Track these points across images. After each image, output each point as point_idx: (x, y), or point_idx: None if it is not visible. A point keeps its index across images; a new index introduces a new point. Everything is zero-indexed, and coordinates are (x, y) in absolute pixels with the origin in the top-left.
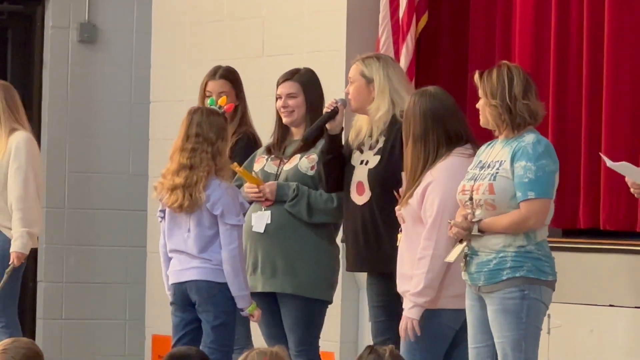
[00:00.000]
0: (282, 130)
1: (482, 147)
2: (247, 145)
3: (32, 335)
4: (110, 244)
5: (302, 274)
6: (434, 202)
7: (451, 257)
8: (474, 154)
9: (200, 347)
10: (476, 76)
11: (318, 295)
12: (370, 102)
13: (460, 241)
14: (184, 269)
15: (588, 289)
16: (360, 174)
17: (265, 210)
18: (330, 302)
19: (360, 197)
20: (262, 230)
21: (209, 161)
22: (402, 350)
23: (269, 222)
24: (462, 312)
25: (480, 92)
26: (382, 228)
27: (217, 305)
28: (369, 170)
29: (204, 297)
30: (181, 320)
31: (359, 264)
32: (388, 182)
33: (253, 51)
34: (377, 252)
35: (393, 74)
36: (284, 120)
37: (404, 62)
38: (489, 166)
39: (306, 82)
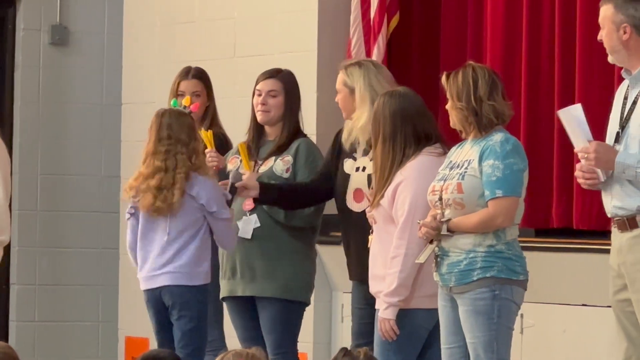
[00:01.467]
0: (257, 131)
1: (453, 148)
2: (219, 145)
3: (4, 338)
4: (83, 246)
5: (281, 277)
6: (405, 201)
7: (422, 258)
8: (443, 153)
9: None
10: (443, 78)
11: (297, 297)
12: (353, 111)
13: (431, 242)
14: (156, 274)
15: (561, 288)
16: (358, 181)
17: (250, 215)
18: (308, 304)
19: (358, 204)
20: (249, 236)
21: (186, 162)
22: (376, 352)
23: (257, 225)
24: (436, 311)
25: (447, 95)
26: None
27: (190, 310)
28: (369, 175)
29: (177, 302)
30: (159, 324)
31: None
32: None
33: (224, 52)
34: None
35: (375, 80)
36: (259, 118)
37: None
38: (458, 166)
39: (288, 82)
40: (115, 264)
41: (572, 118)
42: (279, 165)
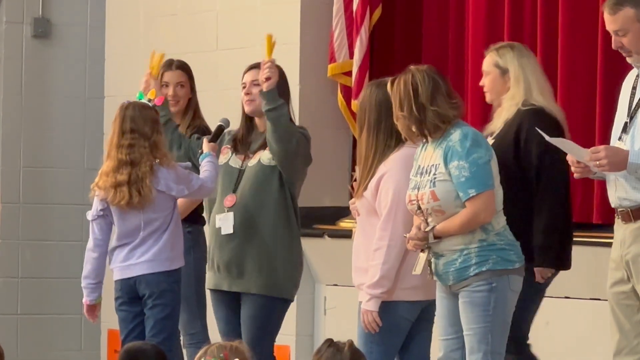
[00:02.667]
0: (247, 123)
1: (417, 151)
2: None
3: None
4: (66, 238)
5: (268, 274)
6: (387, 193)
7: (418, 269)
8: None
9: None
10: (388, 85)
11: (281, 294)
12: (505, 92)
13: (422, 251)
14: (131, 264)
15: None
16: None
17: (228, 211)
18: (292, 301)
19: None
20: (231, 231)
21: (149, 155)
22: (359, 343)
23: (233, 223)
24: (418, 304)
25: (393, 102)
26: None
27: (165, 298)
28: None
29: (153, 290)
30: (129, 314)
31: None
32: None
33: (207, 45)
34: None
35: (527, 63)
36: (246, 109)
37: (357, 54)
38: (426, 172)
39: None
40: None
41: (564, 142)
42: (265, 154)
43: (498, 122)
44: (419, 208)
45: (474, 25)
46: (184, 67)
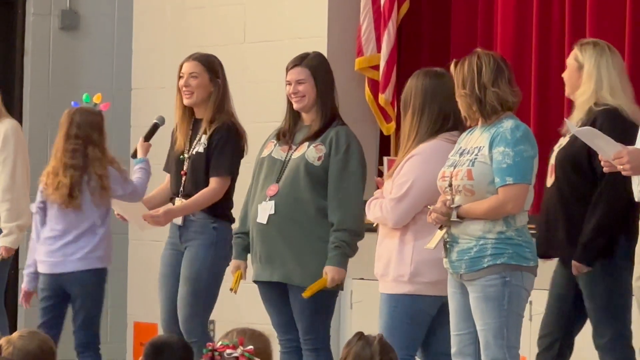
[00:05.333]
0: (293, 116)
1: (463, 135)
2: (227, 136)
3: (13, 323)
4: None
5: (310, 264)
6: (408, 174)
7: (432, 244)
8: None
9: (76, 341)
10: (452, 66)
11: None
12: (578, 88)
13: (440, 227)
14: (62, 260)
15: None
16: (552, 157)
17: (269, 200)
18: (338, 291)
19: (549, 178)
20: (265, 221)
21: (90, 159)
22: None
23: (272, 212)
24: (438, 299)
25: (455, 83)
26: (569, 208)
27: (92, 296)
28: (558, 151)
29: (82, 289)
30: (51, 308)
31: (542, 249)
32: (574, 160)
33: (234, 38)
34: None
35: (604, 62)
36: (295, 106)
37: (385, 48)
38: (468, 152)
39: (315, 66)
40: (125, 249)
41: (590, 133)
42: (312, 152)
43: (573, 120)
44: (450, 185)
45: (503, 18)
46: (200, 59)
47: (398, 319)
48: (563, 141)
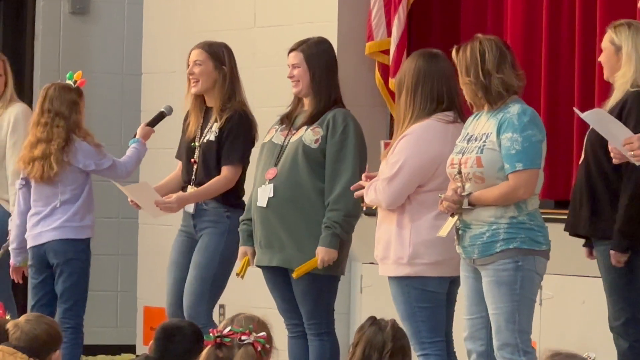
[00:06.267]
0: (296, 102)
1: (469, 119)
2: (239, 125)
3: (24, 309)
4: (102, 215)
5: (309, 249)
6: (401, 153)
7: (443, 231)
8: (453, 121)
9: (57, 315)
10: (453, 53)
11: (323, 271)
12: (618, 70)
13: (452, 215)
14: (42, 232)
15: (580, 260)
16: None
17: (268, 183)
18: (339, 275)
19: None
20: (264, 205)
21: (64, 134)
22: (405, 324)
23: (271, 195)
24: (445, 279)
25: (458, 70)
26: (594, 186)
27: (71, 266)
28: (589, 130)
29: (60, 259)
30: (38, 281)
31: (570, 226)
32: (602, 138)
33: (244, 23)
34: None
35: None
36: (292, 90)
37: (395, 33)
38: (475, 139)
39: (309, 51)
40: (135, 234)
41: (600, 116)
42: (309, 135)
43: (611, 102)
44: (459, 172)
45: (513, 1)
46: (204, 46)
47: (414, 305)
48: None
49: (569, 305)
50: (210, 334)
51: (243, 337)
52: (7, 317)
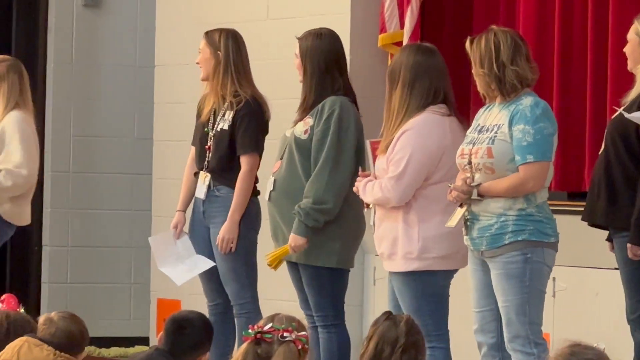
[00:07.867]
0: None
1: (480, 111)
2: (250, 113)
3: (37, 300)
4: (115, 207)
5: (310, 243)
6: (406, 149)
7: (452, 222)
8: (447, 114)
9: None
10: (467, 44)
11: (327, 264)
12: None
13: (461, 205)
14: None
15: (594, 251)
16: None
17: (272, 177)
18: (346, 268)
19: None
20: (267, 198)
21: None
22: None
23: (271, 188)
24: (451, 272)
25: (472, 61)
26: (612, 176)
27: None
28: (610, 120)
29: None
30: None
31: (588, 216)
32: (623, 129)
33: (257, 14)
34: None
35: None
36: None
37: (408, 25)
38: (487, 130)
39: (303, 43)
40: (148, 226)
41: None
42: (300, 126)
43: (633, 93)
44: (469, 163)
45: None
46: (205, 34)
47: (421, 299)
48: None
49: (583, 298)
50: (250, 330)
51: (285, 334)
52: (21, 309)
